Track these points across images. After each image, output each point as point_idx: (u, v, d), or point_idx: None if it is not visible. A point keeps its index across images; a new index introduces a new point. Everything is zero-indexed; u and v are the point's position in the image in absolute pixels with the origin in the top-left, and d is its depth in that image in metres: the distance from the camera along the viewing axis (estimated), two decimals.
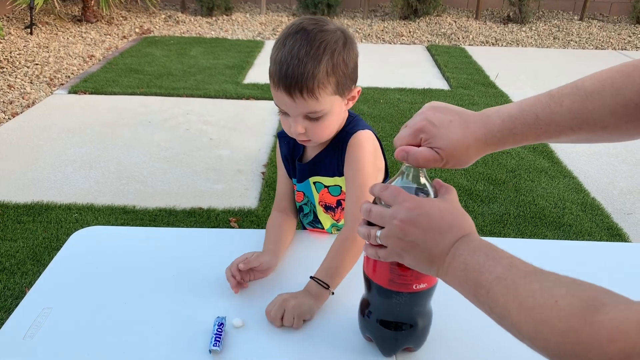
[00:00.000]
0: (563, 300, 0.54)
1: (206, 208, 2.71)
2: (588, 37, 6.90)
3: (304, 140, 1.12)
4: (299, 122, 1.06)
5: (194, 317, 0.97)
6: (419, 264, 0.70)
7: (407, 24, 7.25)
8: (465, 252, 0.65)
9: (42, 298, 1.03)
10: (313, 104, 1.02)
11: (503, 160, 3.33)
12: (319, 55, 1.00)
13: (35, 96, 4.25)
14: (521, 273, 0.60)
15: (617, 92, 0.67)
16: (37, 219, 2.54)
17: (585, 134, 0.70)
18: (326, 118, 1.06)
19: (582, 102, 0.69)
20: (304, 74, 0.99)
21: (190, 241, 1.24)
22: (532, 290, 0.57)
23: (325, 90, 1.02)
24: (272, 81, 1.05)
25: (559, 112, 0.70)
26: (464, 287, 0.65)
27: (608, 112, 0.67)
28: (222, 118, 3.94)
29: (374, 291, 0.84)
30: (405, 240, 0.68)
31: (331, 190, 1.23)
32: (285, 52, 1.01)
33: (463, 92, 4.61)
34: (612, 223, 2.69)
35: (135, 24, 6.81)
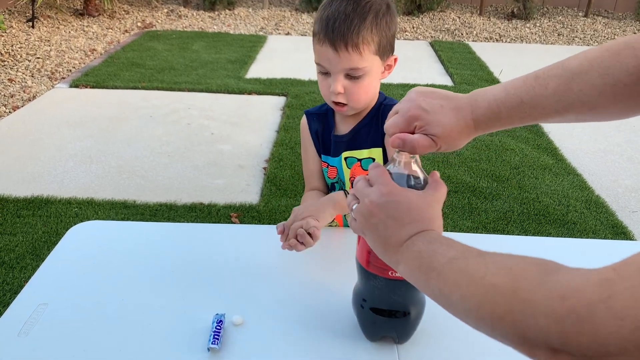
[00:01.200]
0: (517, 266, 0.51)
1: (207, 203, 2.68)
2: (593, 34, 6.85)
3: (341, 105, 1.13)
4: (340, 80, 1.08)
5: (192, 314, 0.95)
6: (376, 247, 0.70)
7: (410, 20, 7.20)
8: (420, 243, 0.64)
9: (37, 294, 1.01)
10: (356, 59, 1.05)
11: (507, 157, 3.30)
12: (365, 13, 1.05)
13: (36, 90, 4.23)
14: (474, 253, 0.58)
15: (605, 72, 0.64)
16: (37, 213, 2.53)
17: (573, 115, 0.69)
18: (365, 78, 1.09)
19: (568, 84, 0.67)
20: (350, 27, 1.03)
21: (190, 236, 1.22)
22: (484, 262, 0.55)
23: (369, 47, 1.06)
24: (317, 38, 1.08)
25: (543, 94, 0.68)
26: (416, 276, 0.63)
27: (596, 93, 0.65)
28: (224, 113, 3.92)
29: (358, 270, 0.87)
30: (370, 221, 0.69)
31: (363, 164, 1.23)
32: (332, 10, 1.06)
33: (467, 89, 4.58)
34: (616, 221, 2.67)
35: (137, 18, 6.78)
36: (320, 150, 1.28)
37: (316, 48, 1.09)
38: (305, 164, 1.32)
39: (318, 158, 1.29)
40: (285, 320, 0.95)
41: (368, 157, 1.23)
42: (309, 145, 1.30)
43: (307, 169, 1.32)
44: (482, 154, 3.32)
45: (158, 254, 1.13)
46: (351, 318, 0.93)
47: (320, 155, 1.29)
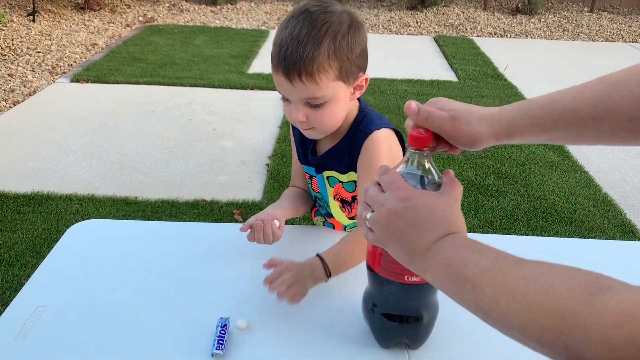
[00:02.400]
0: (561, 284, 0.48)
1: (209, 200, 2.65)
2: (598, 29, 6.79)
3: (307, 130, 1.05)
4: (300, 108, 0.99)
5: (195, 318, 0.92)
6: (400, 257, 0.67)
7: (414, 14, 7.15)
8: (447, 249, 0.61)
9: (35, 296, 0.98)
10: (313, 88, 0.95)
11: (513, 154, 3.26)
12: (320, 36, 0.93)
13: (37, 84, 4.19)
14: (510, 262, 0.55)
15: None
16: (37, 209, 2.50)
17: (609, 127, 0.64)
18: (328, 105, 0.99)
19: (606, 91, 0.64)
20: (302, 56, 0.92)
21: (193, 236, 1.19)
22: (523, 277, 0.51)
23: (327, 74, 0.95)
24: (272, 64, 0.98)
25: (579, 99, 0.65)
26: (446, 285, 0.60)
27: (634, 102, 0.61)
28: (226, 108, 3.88)
29: (369, 275, 0.83)
30: (389, 230, 0.65)
31: (346, 187, 1.17)
32: (286, 34, 0.95)
33: (471, 84, 4.53)
34: (625, 219, 2.63)
35: (138, 12, 6.74)
36: (302, 161, 1.22)
37: (273, 75, 0.99)
38: (293, 163, 1.29)
39: None
40: (292, 324, 0.91)
41: (348, 180, 1.16)
42: (294, 149, 1.26)
43: (294, 168, 1.30)
44: (487, 151, 3.28)
45: (160, 254, 1.10)
46: (361, 323, 0.90)
47: (302, 164, 1.24)
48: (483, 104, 4.05)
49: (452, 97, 3.89)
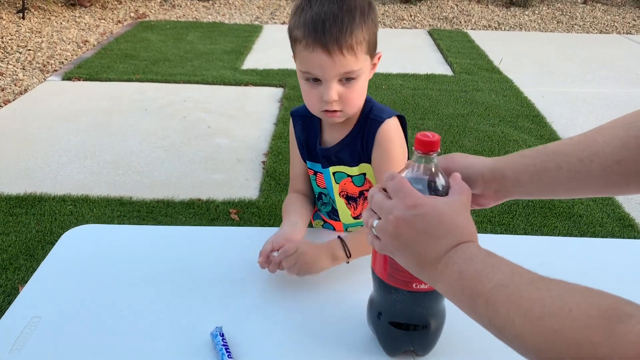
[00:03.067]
0: (578, 308, 0.46)
1: (205, 199, 2.62)
2: (592, 21, 6.78)
3: (334, 112, 1.03)
4: (333, 87, 0.99)
5: (193, 326, 0.89)
6: (409, 266, 0.65)
7: (408, 8, 7.11)
8: (460, 260, 0.59)
9: (30, 306, 0.95)
10: (352, 61, 0.98)
11: (510, 148, 3.25)
12: (351, 11, 0.97)
13: (27, 83, 4.14)
14: (525, 279, 0.53)
15: (630, 125, 0.66)
16: (30, 211, 2.46)
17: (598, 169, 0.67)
18: (359, 81, 1.02)
19: (593, 135, 0.69)
20: (342, 29, 0.95)
21: (189, 240, 1.16)
22: (540, 298, 0.50)
23: (362, 47, 0.98)
24: (303, 44, 0.97)
25: (567, 143, 0.70)
26: (459, 297, 0.59)
27: (619, 144, 0.66)
28: (221, 105, 3.84)
29: (375, 282, 0.81)
30: (398, 239, 0.63)
31: (355, 180, 1.16)
32: (315, 12, 0.96)
33: (467, 78, 4.51)
34: (623, 213, 2.62)
35: (130, 8, 6.66)
36: (306, 157, 1.19)
37: (303, 55, 0.98)
38: (292, 165, 1.25)
39: (303, 162, 1.21)
40: (295, 332, 0.89)
41: (358, 173, 1.15)
42: (295, 147, 1.22)
43: (293, 171, 1.25)
44: (484, 145, 3.26)
45: (156, 260, 1.07)
46: (366, 330, 0.87)
47: (305, 160, 1.21)
48: (479, 97, 4.04)
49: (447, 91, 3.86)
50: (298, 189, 1.24)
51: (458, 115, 3.72)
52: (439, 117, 3.69)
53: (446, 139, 3.35)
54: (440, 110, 3.81)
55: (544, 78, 4.58)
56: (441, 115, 3.72)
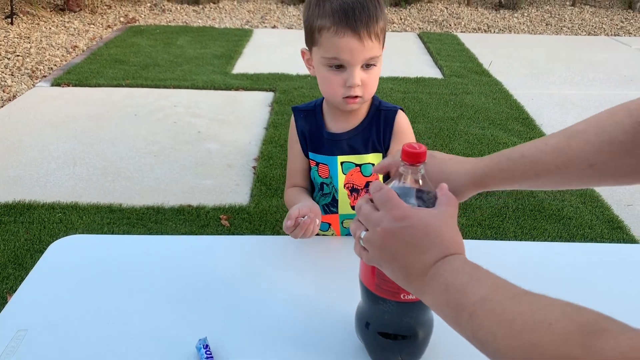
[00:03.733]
0: (558, 323, 0.47)
1: (195, 205, 2.61)
2: (580, 23, 6.84)
3: (355, 98, 1.10)
4: (358, 72, 1.06)
5: (181, 338, 0.89)
6: (397, 278, 0.65)
7: (397, 11, 7.14)
8: (446, 273, 0.59)
9: (16, 319, 0.94)
10: (377, 47, 1.06)
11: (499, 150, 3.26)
12: (374, 2, 1.05)
13: (16, 89, 4.11)
14: (508, 294, 0.54)
15: (601, 130, 0.69)
16: (19, 219, 2.44)
17: (575, 172, 0.71)
18: (377, 68, 1.10)
19: (567, 141, 0.71)
20: (370, 16, 1.03)
21: (178, 249, 1.15)
22: (520, 312, 0.51)
23: (382, 34, 1.07)
24: (333, 31, 1.04)
25: (544, 150, 0.73)
26: (444, 310, 0.59)
27: (592, 150, 0.69)
28: (211, 110, 3.83)
29: (363, 293, 0.81)
30: (386, 251, 0.64)
31: (363, 170, 1.19)
32: (341, 1, 1.03)
33: (457, 81, 4.53)
34: (612, 215, 2.64)
35: (119, 12, 6.64)
36: (308, 149, 1.23)
37: (332, 41, 1.04)
38: (291, 162, 1.28)
39: (304, 158, 1.25)
40: (283, 342, 0.89)
41: (367, 162, 1.18)
42: (295, 143, 1.25)
43: (291, 167, 1.28)
44: (474, 149, 3.28)
45: (143, 270, 1.07)
46: (354, 340, 0.87)
47: (307, 154, 1.24)
48: (469, 100, 4.06)
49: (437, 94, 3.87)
50: (297, 184, 1.26)
51: (448, 119, 3.73)
52: (429, 120, 3.70)
53: (436, 142, 3.36)
54: (430, 113, 3.82)
55: (533, 80, 4.61)
56: (431, 118, 3.73)
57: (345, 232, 1.27)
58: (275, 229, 2.44)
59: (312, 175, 1.25)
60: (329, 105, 1.20)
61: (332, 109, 1.20)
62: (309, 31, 1.09)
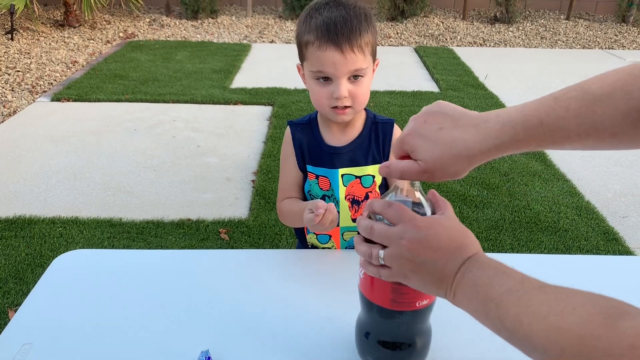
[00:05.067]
0: (582, 307, 0.50)
1: (195, 219, 2.63)
2: (575, 37, 6.91)
3: (344, 109, 1.13)
4: (344, 84, 1.10)
5: (183, 351, 0.91)
6: (427, 285, 0.67)
7: (394, 25, 7.21)
8: (474, 269, 0.63)
9: (21, 332, 0.96)
10: (361, 59, 1.09)
11: (496, 164, 3.30)
12: (359, 15, 1.09)
13: (16, 104, 4.14)
14: (534, 285, 0.57)
15: (630, 96, 0.61)
16: (20, 234, 2.46)
17: (593, 141, 0.64)
18: (365, 79, 1.12)
19: (591, 107, 0.63)
20: (352, 29, 1.06)
21: (179, 264, 1.17)
22: (547, 299, 0.54)
23: (368, 48, 1.10)
24: (317, 45, 1.08)
25: (564, 116, 0.64)
26: (472, 304, 0.62)
27: (620, 117, 0.61)
28: (210, 124, 3.87)
29: (375, 313, 0.81)
30: (415, 261, 0.65)
31: (363, 181, 1.22)
32: (324, 17, 1.08)
33: (453, 94, 4.58)
34: (607, 227, 2.66)
35: (119, 28, 6.70)
36: (306, 161, 1.25)
37: (317, 55, 1.09)
38: (285, 177, 1.28)
39: (298, 171, 1.26)
40: (284, 356, 0.91)
41: (366, 174, 1.21)
42: (290, 156, 1.26)
43: (285, 180, 1.28)
44: None
45: (146, 284, 1.09)
46: (353, 351, 0.89)
47: (303, 167, 1.25)
48: None
49: None
50: (290, 197, 1.27)
51: None
52: None
53: None
54: None
55: (529, 93, 4.66)
56: None
57: (345, 244, 1.29)
58: (274, 242, 2.46)
59: (310, 188, 1.26)
60: (323, 119, 1.23)
61: (326, 123, 1.23)
62: (299, 46, 1.15)
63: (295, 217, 1.21)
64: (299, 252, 1.26)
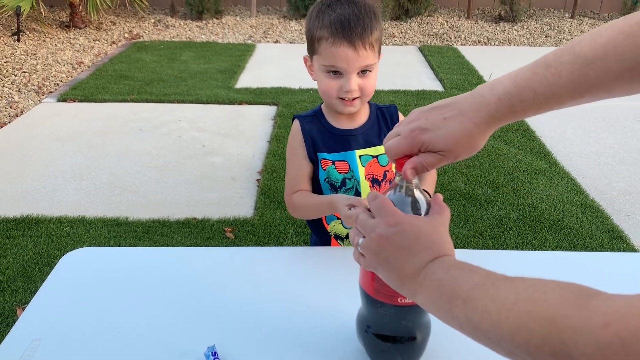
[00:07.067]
0: (552, 291, 0.49)
1: (200, 218, 2.65)
2: (579, 35, 6.88)
3: (352, 100, 1.19)
4: (354, 78, 1.15)
5: (190, 347, 0.92)
6: (391, 281, 0.68)
7: (398, 25, 7.22)
8: (439, 271, 0.62)
9: (30, 328, 0.98)
10: (371, 56, 1.15)
11: (500, 162, 3.30)
12: (369, 14, 1.14)
13: (23, 105, 4.18)
14: (501, 277, 0.56)
15: (622, 57, 0.61)
16: (27, 233, 2.48)
17: (587, 100, 0.66)
18: (373, 73, 1.18)
19: (583, 70, 0.63)
20: (365, 27, 1.12)
21: (185, 261, 1.19)
22: (514, 287, 0.53)
23: (377, 44, 1.16)
24: (330, 41, 1.13)
25: (558, 83, 0.64)
26: (438, 305, 0.61)
27: (613, 77, 0.62)
28: (215, 124, 3.89)
29: (363, 297, 0.84)
30: (380, 255, 0.67)
31: (380, 160, 1.27)
32: (338, 14, 1.12)
33: (457, 93, 4.50)
34: (612, 225, 2.66)
35: (124, 29, 6.74)
36: (318, 150, 1.26)
37: (330, 51, 1.13)
38: (294, 170, 1.29)
39: (308, 162, 1.27)
40: (288, 349, 0.92)
41: (382, 153, 1.26)
42: (299, 149, 1.27)
43: (295, 174, 1.28)
44: (475, 160, 3.31)
45: (153, 281, 1.10)
46: (355, 343, 0.91)
47: (314, 157, 1.26)
48: None
49: None
50: (301, 189, 1.27)
51: None
52: None
53: None
54: None
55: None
56: None
57: None
58: (279, 240, 2.48)
59: (328, 175, 1.27)
60: (330, 109, 1.27)
61: (332, 114, 1.27)
62: (309, 40, 1.19)
63: (312, 209, 1.24)
64: (303, 249, 1.27)
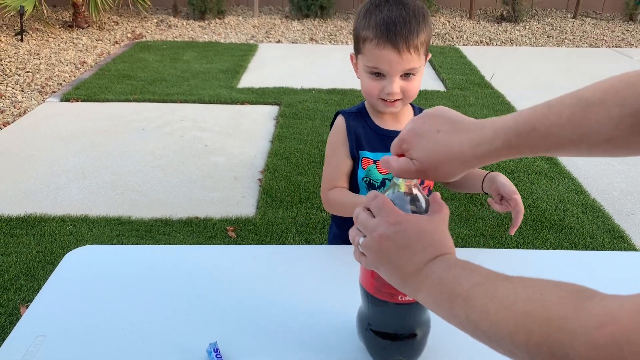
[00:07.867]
0: (550, 292, 0.50)
1: (203, 217, 2.66)
2: (582, 35, 6.89)
3: (394, 102, 1.18)
4: (397, 81, 1.14)
5: (192, 343, 0.93)
6: (392, 280, 0.69)
7: None
8: (439, 269, 0.63)
9: (34, 325, 0.99)
10: (415, 59, 1.12)
11: (502, 162, 3.30)
12: (417, 16, 1.11)
13: (26, 105, 4.19)
14: (500, 277, 0.57)
15: (623, 102, 0.61)
16: (30, 232, 2.49)
17: (587, 147, 0.65)
18: (417, 77, 1.17)
19: (584, 112, 0.63)
20: (411, 31, 1.09)
21: (187, 259, 1.20)
22: (513, 288, 0.54)
23: (423, 48, 1.14)
24: (375, 43, 1.11)
25: (557, 123, 0.64)
26: (438, 303, 0.62)
27: (613, 123, 0.62)
28: (217, 124, 3.90)
29: (363, 296, 0.85)
30: (381, 255, 0.68)
31: None
32: (385, 15, 1.10)
33: (459, 93, 4.58)
34: (613, 225, 2.67)
35: (127, 28, 6.75)
36: (360, 148, 1.25)
37: (374, 52, 1.13)
38: (334, 166, 1.27)
39: (349, 160, 1.26)
40: (286, 345, 0.93)
41: None
42: (342, 145, 1.26)
43: (334, 171, 1.28)
44: None
45: (155, 279, 1.11)
46: (356, 341, 0.92)
47: (356, 155, 1.26)
48: (471, 112, 4.10)
49: None
50: (339, 186, 1.27)
51: None
52: None
53: None
54: None
55: (535, 92, 4.66)
56: None
57: None
58: (280, 239, 2.49)
59: (368, 174, 1.26)
60: (373, 109, 1.26)
61: (376, 113, 1.26)
62: (355, 39, 1.19)
63: (349, 208, 1.21)
64: (304, 247, 1.28)
